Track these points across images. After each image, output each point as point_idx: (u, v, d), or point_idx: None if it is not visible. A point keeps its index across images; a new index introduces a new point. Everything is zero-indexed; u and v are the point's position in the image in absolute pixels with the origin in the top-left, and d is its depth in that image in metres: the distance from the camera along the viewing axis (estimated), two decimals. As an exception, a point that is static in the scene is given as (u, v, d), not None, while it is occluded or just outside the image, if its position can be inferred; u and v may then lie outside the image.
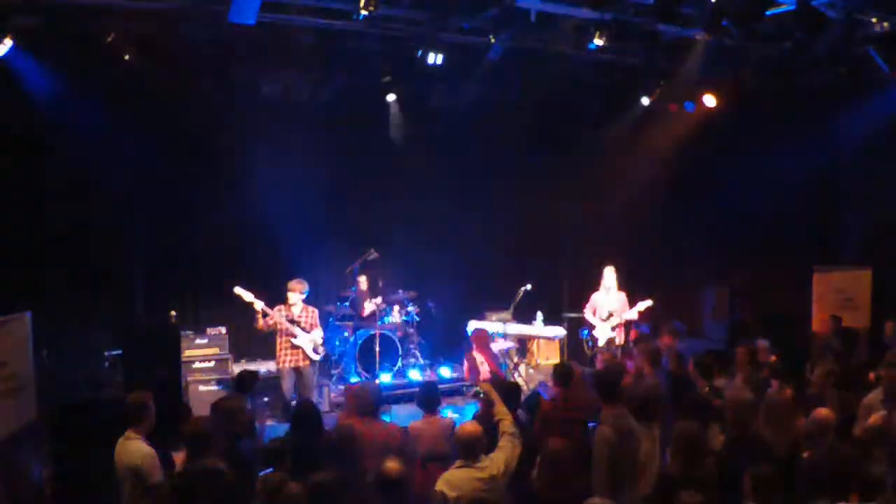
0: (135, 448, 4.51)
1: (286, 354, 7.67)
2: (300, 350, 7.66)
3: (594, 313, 9.07)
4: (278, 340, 7.68)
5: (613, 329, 8.95)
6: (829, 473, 3.98)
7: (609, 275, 9.06)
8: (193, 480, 4.04)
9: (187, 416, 6.42)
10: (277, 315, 7.56)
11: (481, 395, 5.06)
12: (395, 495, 3.88)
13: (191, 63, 8.28)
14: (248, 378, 6.04)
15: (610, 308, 8.97)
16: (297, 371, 7.68)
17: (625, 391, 5.04)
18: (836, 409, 5.19)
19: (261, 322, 7.58)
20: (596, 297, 9.12)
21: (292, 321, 7.65)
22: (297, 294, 7.70)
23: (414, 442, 5.14)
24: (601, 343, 8.98)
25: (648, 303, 8.86)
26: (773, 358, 7.15)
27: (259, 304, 7.49)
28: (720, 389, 5.96)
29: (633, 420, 4.73)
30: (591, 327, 9.09)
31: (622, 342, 9.00)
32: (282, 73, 9.05)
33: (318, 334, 7.81)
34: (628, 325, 9.10)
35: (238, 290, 7.52)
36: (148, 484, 4.43)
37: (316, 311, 7.93)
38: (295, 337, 7.62)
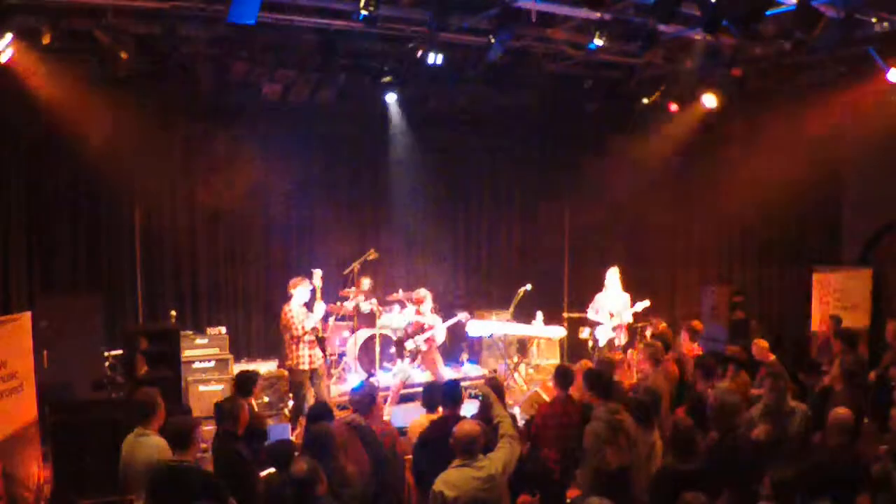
0: (153, 443, 4.54)
1: (306, 356, 7.52)
2: (322, 348, 7.62)
3: (597, 313, 9.08)
4: (300, 340, 7.49)
5: (614, 330, 8.95)
6: (837, 471, 4.00)
7: (612, 275, 9.07)
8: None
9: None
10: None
11: (480, 398, 5.06)
12: (304, 494, 3.93)
13: (191, 63, 8.30)
14: (248, 379, 6.04)
15: (612, 309, 8.97)
16: (314, 372, 7.58)
17: (618, 386, 5.06)
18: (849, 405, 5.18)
19: (312, 324, 7.44)
20: (600, 297, 9.13)
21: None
22: (305, 294, 7.55)
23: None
24: (602, 343, 8.99)
25: (646, 303, 8.85)
26: (771, 357, 7.15)
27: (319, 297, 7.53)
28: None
29: (628, 416, 4.73)
30: (593, 327, 9.10)
31: (623, 343, 9.01)
32: (282, 73, 9.04)
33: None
34: (631, 326, 9.10)
35: (318, 272, 7.56)
36: None
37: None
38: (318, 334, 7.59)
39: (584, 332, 9.56)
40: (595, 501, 3.60)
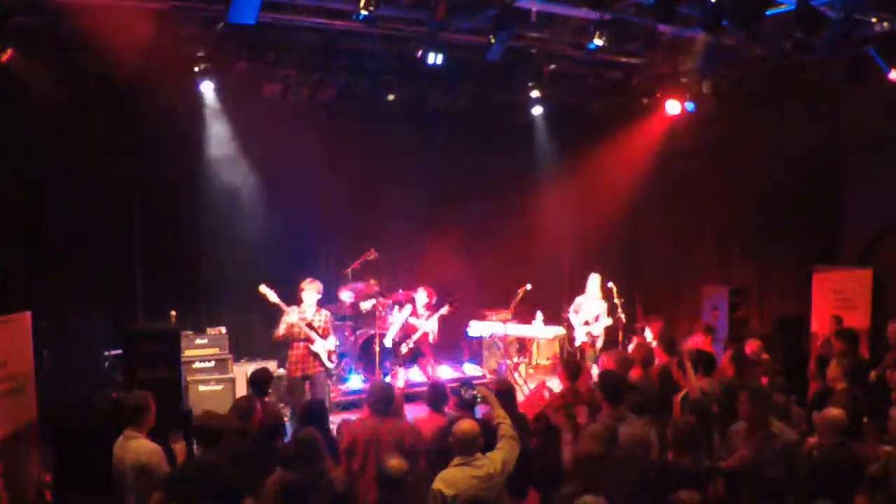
0: (140, 446, 4.53)
1: (299, 362, 7.28)
2: (315, 357, 7.30)
3: (576, 314, 9.21)
4: (292, 345, 7.33)
5: (588, 335, 9.08)
6: (834, 472, 4.00)
7: (593, 282, 9.13)
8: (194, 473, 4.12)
9: (189, 415, 6.49)
10: (296, 318, 7.21)
11: (479, 399, 5.05)
12: (394, 493, 3.89)
13: (191, 63, 8.30)
14: (264, 378, 6.02)
15: (589, 315, 9.08)
16: (307, 379, 7.35)
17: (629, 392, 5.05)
18: (846, 406, 5.16)
19: (282, 330, 7.22)
20: (580, 301, 9.26)
21: (310, 326, 7.28)
22: (313, 294, 7.33)
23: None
24: (577, 344, 9.12)
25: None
26: (764, 356, 7.20)
27: (284, 307, 7.23)
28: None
29: (633, 422, 4.71)
30: (570, 328, 9.23)
31: (599, 347, 9.06)
32: (282, 73, 9.04)
33: (332, 341, 7.49)
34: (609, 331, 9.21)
35: (263, 288, 7.25)
36: (157, 479, 4.46)
37: (330, 315, 7.61)
38: (312, 343, 7.28)
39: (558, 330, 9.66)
40: (589, 500, 3.58)
